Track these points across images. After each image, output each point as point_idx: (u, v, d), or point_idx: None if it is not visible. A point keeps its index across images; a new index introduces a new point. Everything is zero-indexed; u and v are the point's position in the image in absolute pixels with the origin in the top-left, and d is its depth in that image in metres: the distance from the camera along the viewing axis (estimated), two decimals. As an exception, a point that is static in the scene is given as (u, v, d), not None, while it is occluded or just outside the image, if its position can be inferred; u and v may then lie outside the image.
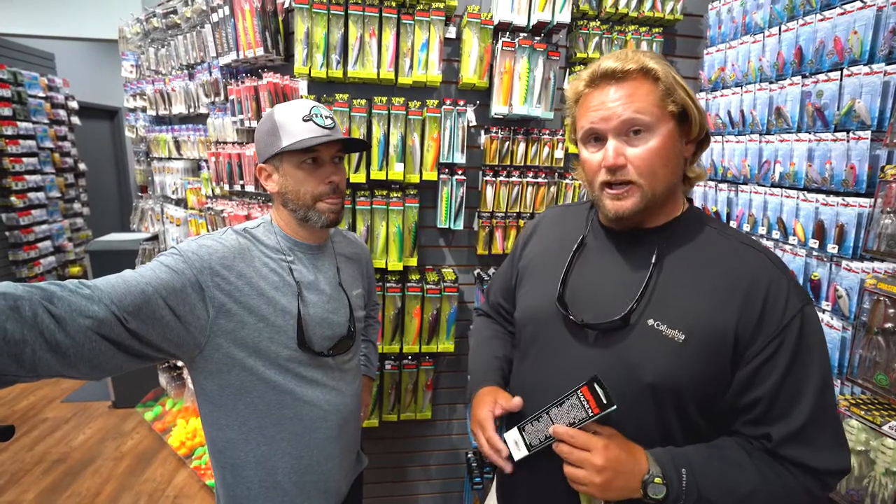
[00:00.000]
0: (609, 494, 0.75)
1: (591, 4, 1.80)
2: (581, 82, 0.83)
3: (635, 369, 0.79)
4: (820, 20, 1.30)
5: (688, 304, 0.78)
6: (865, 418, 1.08)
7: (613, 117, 0.77)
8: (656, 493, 0.73)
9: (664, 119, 0.77)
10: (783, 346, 0.73)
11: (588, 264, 0.91)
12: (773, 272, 0.76)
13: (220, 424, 1.01)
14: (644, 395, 0.78)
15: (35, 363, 0.65)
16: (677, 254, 0.82)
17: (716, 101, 1.73)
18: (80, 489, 2.48)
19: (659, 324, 0.78)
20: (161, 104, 2.78)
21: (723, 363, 0.76)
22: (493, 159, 1.84)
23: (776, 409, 0.74)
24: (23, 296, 0.64)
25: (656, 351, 0.77)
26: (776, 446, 0.74)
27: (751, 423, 0.76)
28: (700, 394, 0.78)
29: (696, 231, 0.84)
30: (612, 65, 0.78)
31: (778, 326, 0.73)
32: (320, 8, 1.61)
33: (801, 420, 0.73)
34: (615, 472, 0.74)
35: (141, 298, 0.79)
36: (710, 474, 0.74)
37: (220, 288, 0.93)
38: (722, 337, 0.75)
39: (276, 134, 1.01)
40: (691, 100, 0.79)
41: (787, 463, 0.74)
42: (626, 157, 0.78)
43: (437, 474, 2.13)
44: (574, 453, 0.76)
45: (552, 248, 0.98)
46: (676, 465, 0.74)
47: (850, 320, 1.22)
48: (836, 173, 1.26)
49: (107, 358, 0.74)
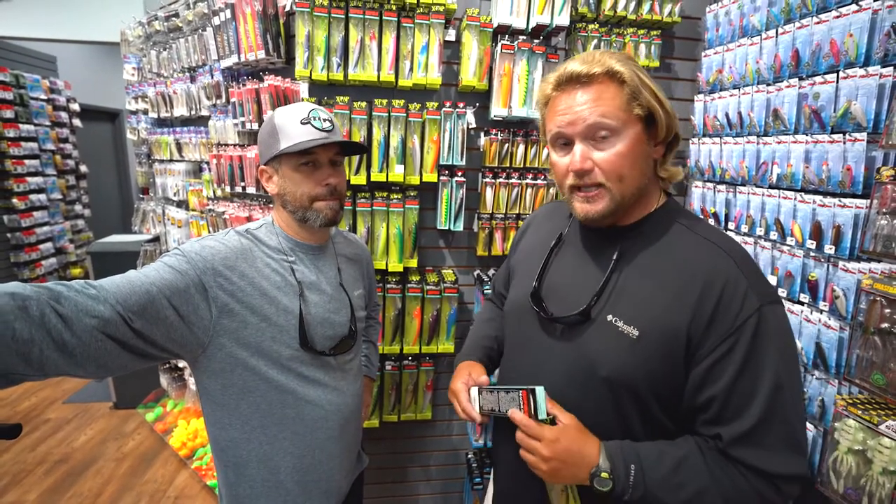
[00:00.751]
0: (556, 480, 0.80)
1: (589, 7, 1.81)
2: (549, 85, 0.84)
3: (593, 363, 0.81)
4: (816, 23, 1.31)
5: (644, 301, 0.79)
6: (863, 418, 1.09)
7: (579, 121, 0.78)
8: (602, 486, 0.76)
9: (630, 122, 0.78)
10: (737, 346, 0.73)
11: (563, 260, 0.95)
12: (732, 271, 0.76)
13: (222, 423, 1.02)
14: (601, 388, 0.81)
15: (43, 362, 0.66)
16: (641, 251, 0.84)
17: (714, 103, 1.74)
18: (81, 490, 2.48)
19: (616, 319, 0.80)
20: (163, 106, 2.80)
21: (676, 361, 0.76)
22: (492, 161, 1.85)
23: (729, 409, 0.74)
24: (31, 296, 0.65)
25: (612, 346, 0.80)
26: (726, 447, 0.74)
27: (707, 422, 0.77)
28: (657, 391, 0.79)
29: (665, 228, 0.85)
30: (578, 68, 0.78)
31: (731, 326, 0.73)
32: (321, 11, 1.63)
33: (752, 421, 0.72)
34: (562, 462, 0.77)
35: (146, 298, 0.80)
36: (658, 471, 0.75)
37: (223, 288, 0.94)
38: (674, 335, 0.76)
39: (276, 137, 1.02)
40: (659, 102, 0.79)
41: (739, 465, 0.74)
42: (594, 161, 0.79)
43: (438, 474, 2.14)
44: (525, 440, 0.81)
45: (537, 243, 1.03)
46: (626, 461, 0.76)
47: (848, 320, 1.22)
48: (832, 175, 1.27)
49: (112, 357, 0.75)
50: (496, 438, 1.04)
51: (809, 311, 1.33)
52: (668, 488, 0.75)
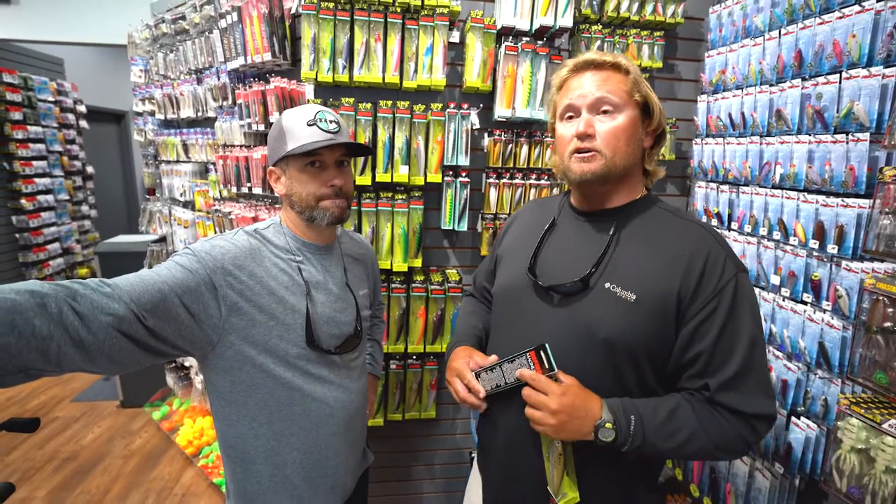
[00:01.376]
0: (562, 435, 0.86)
1: (592, 8, 1.82)
2: (565, 69, 0.99)
3: (592, 327, 0.90)
4: (819, 24, 1.32)
5: (639, 270, 0.91)
6: (866, 416, 1.10)
7: (588, 94, 0.92)
8: (606, 437, 0.85)
9: (630, 104, 0.93)
10: (719, 307, 0.85)
11: (557, 240, 1.05)
12: (713, 244, 0.90)
13: (230, 420, 1.04)
14: (600, 351, 0.90)
15: (60, 358, 0.68)
16: (633, 229, 0.96)
17: (717, 104, 1.75)
18: (90, 487, 2.51)
19: (614, 286, 0.90)
20: (169, 108, 2.82)
21: (668, 322, 0.88)
22: (496, 162, 1.86)
23: (714, 362, 0.86)
24: (49, 293, 0.67)
25: (611, 310, 0.89)
26: (713, 394, 0.86)
27: (693, 376, 0.89)
28: (650, 352, 0.89)
29: (650, 211, 0.98)
30: (593, 56, 0.95)
31: (715, 289, 0.86)
32: (327, 14, 1.65)
33: (733, 370, 0.85)
34: (569, 416, 0.85)
35: (158, 297, 0.82)
36: (655, 421, 0.85)
37: (233, 287, 0.96)
38: (667, 298, 0.87)
39: (283, 138, 1.04)
40: (654, 98, 0.95)
41: (722, 409, 0.86)
42: (595, 130, 0.92)
43: (441, 473, 2.15)
44: (533, 395, 0.87)
45: (526, 233, 1.12)
46: (626, 413, 0.86)
47: (851, 320, 1.23)
48: (835, 175, 1.27)
49: (125, 354, 0.77)
50: (488, 415, 1.05)
51: (812, 311, 1.33)
52: (663, 436, 0.85)
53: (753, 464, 1.49)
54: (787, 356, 1.42)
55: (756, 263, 1.54)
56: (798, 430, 1.35)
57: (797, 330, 1.38)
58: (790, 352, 1.41)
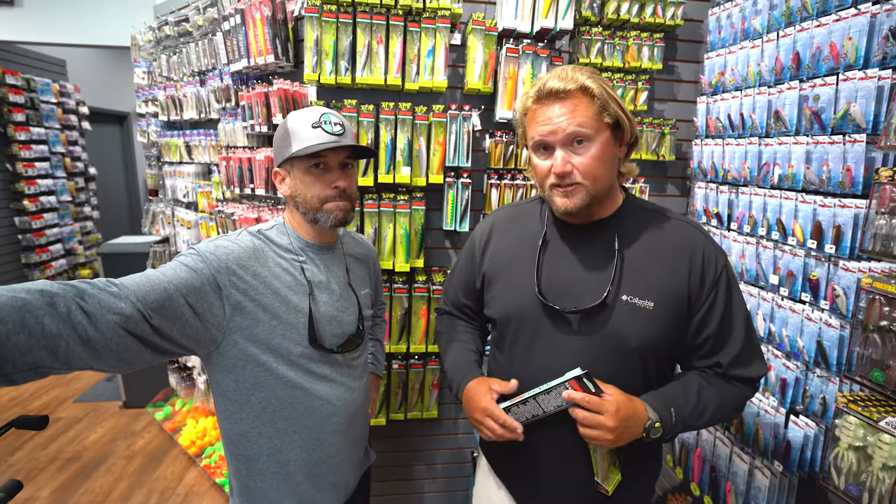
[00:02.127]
0: (618, 443, 0.90)
1: (593, 11, 1.84)
2: (529, 98, 0.97)
3: (621, 339, 0.96)
4: (816, 26, 1.33)
5: (649, 277, 0.96)
6: (863, 414, 1.11)
7: (559, 131, 0.91)
8: (655, 434, 0.92)
9: (601, 129, 0.93)
10: (719, 294, 0.96)
11: (555, 258, 1.04)
12: (703, 240, 0.99)
13: (234, 418, 1.05)
14: (633, 359, 0.97)
15: (68, 356, 0.69)
16: (631, 238, 1.00)
17: (716, 105, 1.76)
18: (93, 487, 2.53)
19: (632, 298, 0.96)
20: (173, 110, 2.84)
21: (682, 317, 0.97)
22: (497, 163, 1.87)
23: (720, 342, 0.98)
24: (58, 293, 0.68)
25: (634, 320, 0.95)
26: (727, 370, 0.98)
27: (704, 356, 1.00)
28: (672, 346, 0.99)
29: (640, 216, 1.03)
30: (557, 84, 0.91)
31: (714, 280, 0.96)
32: (329, 16, 1.66)
33: (739, 347, 0.97)
34: (624, 427, 0.89)
35: (164, 296, 0.83)
36: (688, 406, 0.95)
37: (237, 287, 0.97)
38: (679, 298, 0.96)
39: (288, 140, 1.05)
40: (623, 111, 0.94)
41: (734, 380, 0.99)
42: (573, 164, 0.93)
43: (443, 473, 2.16)
44: (589, 417, 0.89)
45: (515, 247, 1.10)
46: (666, 407, 0.93)
47: (848, 319, 1.24)
48: (832, 175, 1.29)
49: (132, 352, 0.78)
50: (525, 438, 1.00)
51: (811, 310, 1.34)
52: (696, 415, 0.96)
53: (753, 462, 1.50)
54: (785, 355, 1.43)
55: (755, 263, 1.55)
56: (797, 429, 1.36)
57: (796, 329, 1.39)
58: (789, 351, 1.42)
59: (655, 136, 1.95)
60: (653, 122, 1.94)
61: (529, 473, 1.08)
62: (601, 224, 1.01)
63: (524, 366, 1.04)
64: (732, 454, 1.57)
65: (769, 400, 1.47)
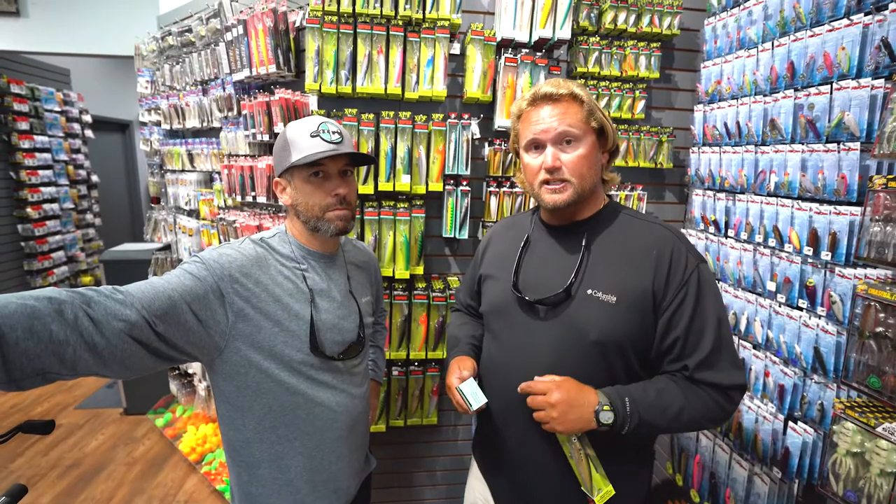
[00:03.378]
0: (568, 425, 0.94)
1: (590, 21, 1.86)
2: (524, 102, 1.06)
3: (581, 331, 0.99)
4: (810, 36, 1.35)
5: (614, 273, 1.00)
6: (860, 420, 1.11)
7: (551, 130, 1.00)
8: (606, 420, 0.93)
9: (588, 132, 1.02)
10: (688, 295, 0.96)
11: (534, 256, 1.13)
12: (674, 241, 1.00)
13: (236, 425, 1.06)
14: (592, 351, 0.99)
15: (75, 362, 0.70)
16: (603, 237, 1.05)
17: (713, 113, 1.78)
18: (93, 493, 2.53)
19: (595, 291, 1.00)
20: (175, 118, 2.87)
21: (646, 315, 0.98)
22: (496, 171, 1.89)
23: (689, 345, 0.97)
24: (66, 300, 0.70)
25: (596, 313, 0.98)
26: (693, 373, 0.97)
27: (672, 360, 0.99)
28: (635, 345, 0.99)
29: (615, 218, 1.08)
30: (549, 89, 1.01)
31: (682, 280, 0.97)
32: (330, 27, 1.69)
33: (707, 350, 0.96)
34: (568, 405, 0.93)
35: (168, 304, 0.84)
36: (646, 400, 0.95)
37: (239, 294, 0.98)
38: (643, 295, 0.97)
39: (288, 150, 1.07)
40: (606, 119, 1.04)
41: (702, 384, 0.97)
42: (561, 161, 1.01)
43: (443, 479, 2.16)
44: (535, 398, 0.96)
45: (505, 250, 1.20)
46: (620, 395, 0.95)
47: (845, 325, 1.25)
48: (828, 183, 1.30)
49: (136, 359, 0.80)
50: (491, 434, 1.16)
51: (808, 317, 1.35)
52: (656, 412, 0.95)
53: (752, 469, 1.50)
54: (783, 361, 1.44)
55: (753, 270, 1.56)
56: (795, 435, 1.36)
57: (793, 336, 1.40)
58: (786, 357, 1.42)
59: (653, 144, 1.97)
60: (651, 130, 1.96)
61: (506, 468, 1.13)
62: (578, 224, 1.08)
63: (498, 351, 1.13)
64: (732, 460, 1.58)
65: (767, 406, 1.47)
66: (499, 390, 1.10)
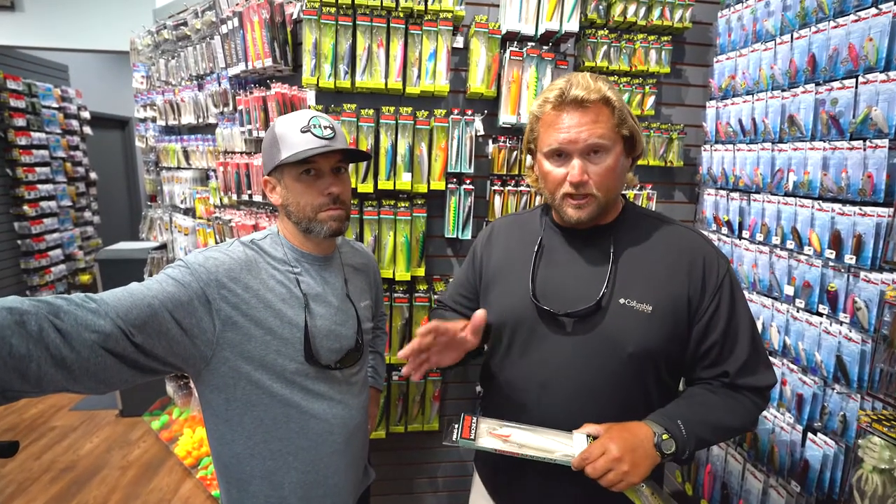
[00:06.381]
0: (640, 471, 0.84)
1: (599, 13, 1.80)
2: (548, 104, 0.94)
3: (617, 343, 0.93)
4: (833, 27, 1.28)
5: (648, 281, 0.94)
6: (889, 435, 1.05)
7: (580, 140, 0.90)
8: (669, 448, 0.86)
9: (617, 141, 0.93)
10: (722, 300, 0.93)
11: (551, 263, 1.03)
12: (704, 245, 0.97)
13: (226, 440, 1.00)
14: (627, 365, 0.93)
15: (40, 378, 0.64)
16: (630, 242, 0.99)
17: (727, 110, 1.71)
18: (86, 498, 2.47)
19: (629, 301, 0.93)
20: (170, 114, 2.81)
21: (681, 323, 0.94)
22: (500, 169, 1.83)
23: (726, 350, 0.94)
24: (29, 310, 0.63)
25: (631, 323, 0.93)
26: (734, 378, 0.94)
27: (709, 366, 0.96)
28: (668, 354, 0.95)
29: (639, 222, 1.02)
30: (580, 93, 0.89)
31: (716, 285, 0.93)
32: (328, 19, 1.62)
33: (745, 355, 0.93)
34: (631, 450, 0.84)
35: (147, 312, 0.78)
36: (696, 418, 0.90)
37: (227, 300, 0.92)
38: (678, 303, 0.93)
39: (277, 146, 1.00)
40: (636, 124, 0.95)
41: (743, 389, 0.94)
42: (588, 174, 0.91)
43: (445, 486, 2.11)
44: (597, 465, 0.83)
45: (513, 253, 1.09)
46: (672, 420, 0.89)
47: (870, 333, 1.18)
48: (852, 182, 1.23)
49: (112, 372, 0.73)
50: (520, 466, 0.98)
51: (829, 323, 1.29)
52: (708, 429, 0.91)
53: (768, 481, 1.44)
54: (801, 369, 1.37)
55: (769, 273, 1.50)
56: (815, 447, 1.30)
57: (813, 343, 1.33)
58: (805, 365, 1.36)
59: (663, 142, 1.90)
60: (660, 127, 1.89)
61: (515, 486, 1.05)
62: (600, 230, 1.01)
63: (518, 369, 1.02)
64: (745, 471, 1.51)
65: (785, 416, 1.41)
66: (524, 413, 0.98)
